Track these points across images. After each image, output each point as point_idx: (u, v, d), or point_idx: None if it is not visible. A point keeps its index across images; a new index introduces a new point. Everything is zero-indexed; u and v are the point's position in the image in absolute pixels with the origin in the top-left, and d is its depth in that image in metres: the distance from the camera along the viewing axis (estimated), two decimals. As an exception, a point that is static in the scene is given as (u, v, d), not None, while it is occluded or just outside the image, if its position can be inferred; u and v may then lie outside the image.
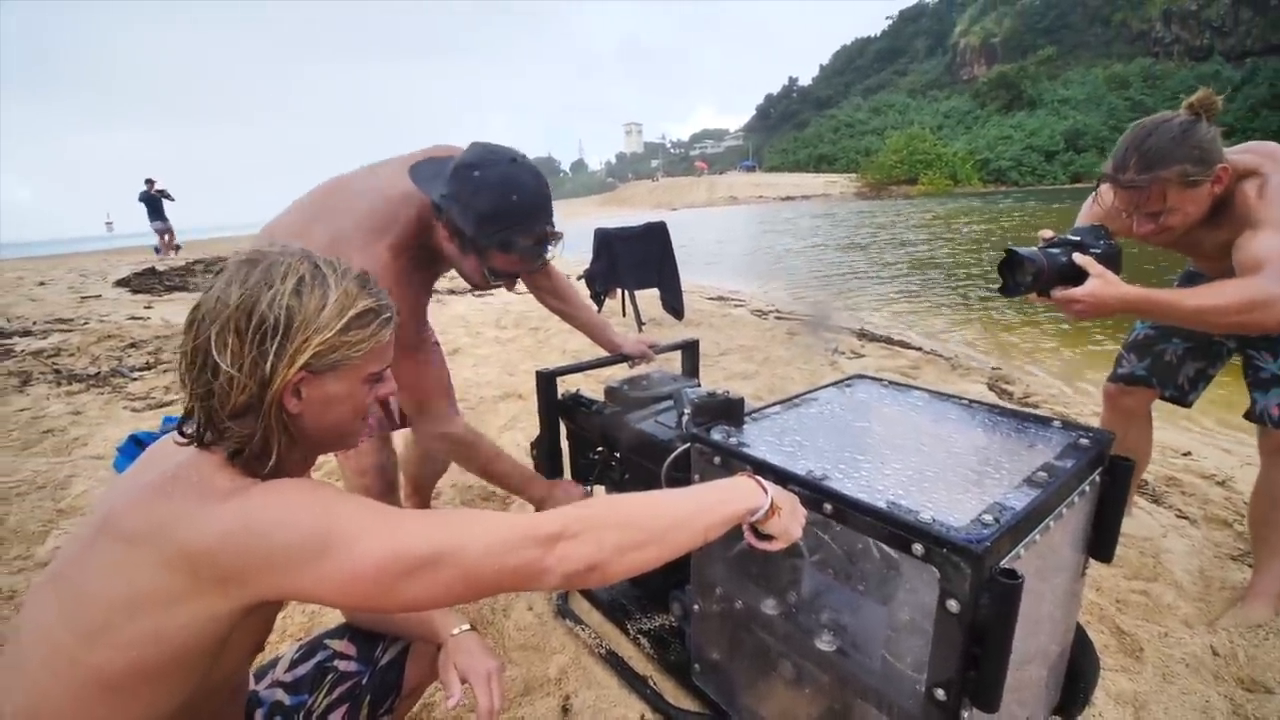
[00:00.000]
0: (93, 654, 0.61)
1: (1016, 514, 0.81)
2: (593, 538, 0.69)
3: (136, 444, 2.61)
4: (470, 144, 1.21)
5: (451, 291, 7.10)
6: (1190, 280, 1.68)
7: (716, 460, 1.06)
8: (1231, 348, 1.61)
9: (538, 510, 1.35)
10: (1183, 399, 1.69)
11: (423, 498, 1.98)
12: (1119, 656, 1.49)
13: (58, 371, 3.87)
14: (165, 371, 3.90)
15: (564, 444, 1.67)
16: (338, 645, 0.97)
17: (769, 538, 0.83)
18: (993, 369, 4.12)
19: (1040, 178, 58.30)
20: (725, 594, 1.14)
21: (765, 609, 1.05)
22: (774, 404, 1.25)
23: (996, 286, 1.30)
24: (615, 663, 1.43)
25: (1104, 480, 1.06)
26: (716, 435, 1.09)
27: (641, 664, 1.45)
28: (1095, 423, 2.17)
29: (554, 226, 1.21)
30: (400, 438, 1.73)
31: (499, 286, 1.30)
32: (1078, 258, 1.23)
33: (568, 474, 1.63)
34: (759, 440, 1.08)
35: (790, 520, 0.82)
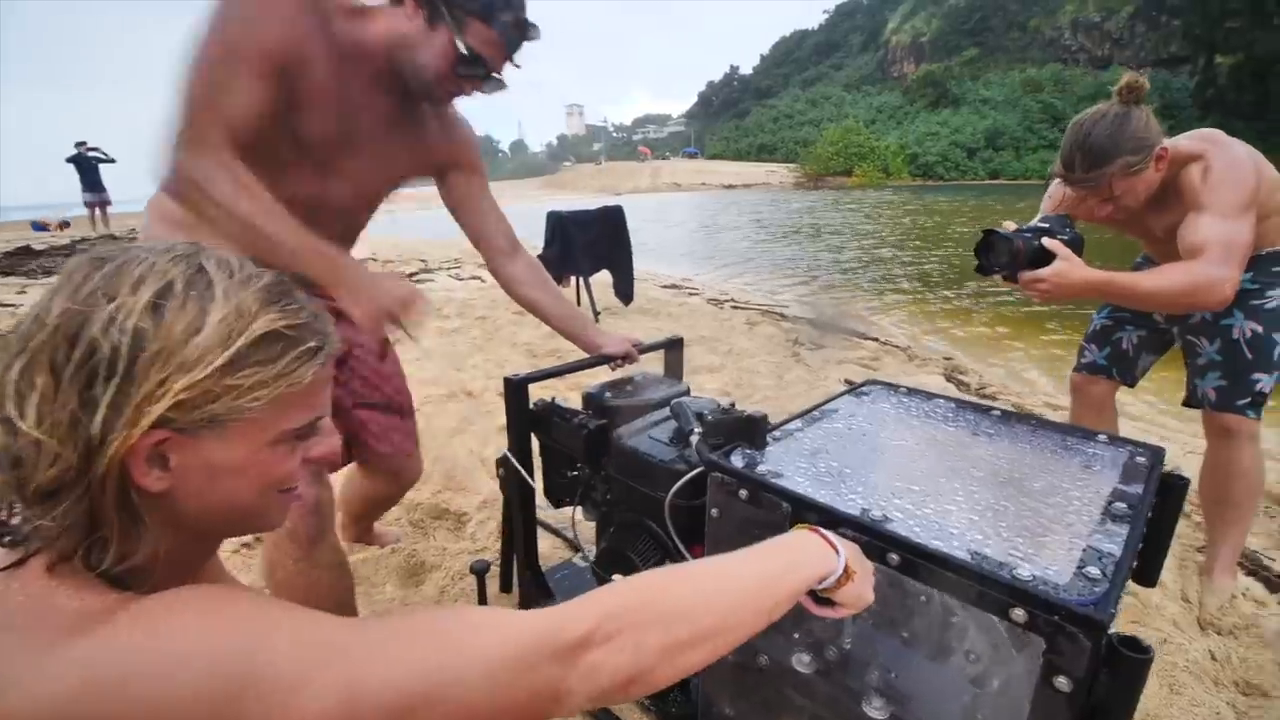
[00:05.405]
0: None
1: (1119, 561, 0.68)
2: (630, 641, 0.49)
3: None
4: None
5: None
6: (1140, 268, 1.74)
7: (742, 494, 0.88)
8: (1173, 338, 1.67)
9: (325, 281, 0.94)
10: (1133, 384, 1.80)
11: (361, 529, 1.72)
12: (1122, 668, 1.44)
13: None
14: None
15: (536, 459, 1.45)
16: None
17: (831, 602, 0.66)
18: (945, 359, 4.16)
19: (963, 173, 61.17)
20: (745, 644, 0.97)
21: (797, 665, 0.89)
22: (793, 419, 1.09)
23: (974, 266, 1.34)
24: (605, 717, 1.25)
25: (1157, 500, 0.96)
26: (738, 460, 0.91)
27: (637, 716, 1.27)
28: (1057, 417, 2.16)
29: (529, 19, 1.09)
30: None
31: (466, 91, 1.09)
32: (1047, 241, 1.28)
33: (540, 495, 1.42)
34: (789, 466, 0.91)
35: (864, 585, 0.65)
